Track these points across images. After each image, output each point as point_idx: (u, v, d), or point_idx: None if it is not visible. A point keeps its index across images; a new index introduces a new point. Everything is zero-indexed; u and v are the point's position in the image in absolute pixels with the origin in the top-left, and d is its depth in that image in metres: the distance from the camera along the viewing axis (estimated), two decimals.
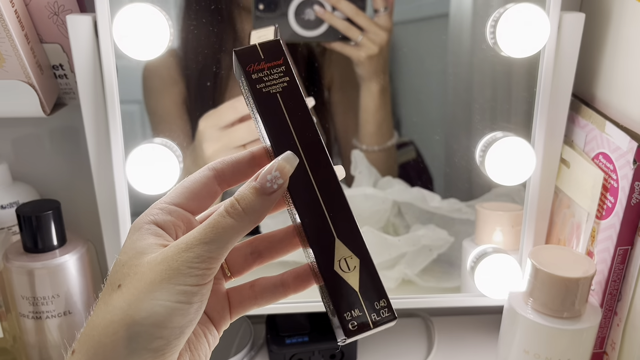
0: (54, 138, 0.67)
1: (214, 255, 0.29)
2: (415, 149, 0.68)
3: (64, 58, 0.60)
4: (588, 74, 0.61)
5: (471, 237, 0.68)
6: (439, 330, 0.71)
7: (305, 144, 0.30)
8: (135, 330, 0.28)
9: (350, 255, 0.29)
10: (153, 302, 0.28)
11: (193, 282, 0.28)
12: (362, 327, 0.29)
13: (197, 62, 0.60)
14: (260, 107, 0.30)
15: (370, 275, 0.29)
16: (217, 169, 0.32)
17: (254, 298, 0.35)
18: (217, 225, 0.29)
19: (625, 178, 0.51)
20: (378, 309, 0.29)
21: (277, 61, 0.31)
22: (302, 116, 0.31)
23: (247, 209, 0.29)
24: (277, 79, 0.31)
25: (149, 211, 0.32)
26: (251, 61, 0.31)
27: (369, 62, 0.61)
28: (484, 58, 0.62)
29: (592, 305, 0.54)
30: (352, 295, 0.29)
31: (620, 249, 0.53)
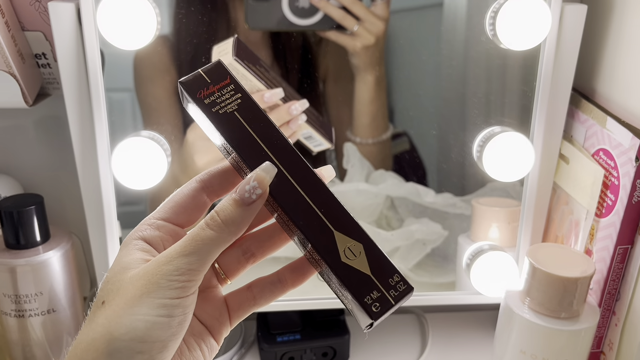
0: (37, 130, 0.65)
1: (194, 267, 0.29)
2: (408, 140, 0.66)
3: (47, 46, 0.57)
4: (589, 68, 0.59)
5: (467, 233, 0.66)
6: (433, 327, 0.70)
7: (276, 150, 0.31)
8: (115, 346, 0.27)
9: (352, 243, 0.30)
10: (132, 317, 0.28)
11: (173, 295, 0.28)
12: (384, 305, 0.29)
13: (187, 51, 0.58)
14: (222, 128, 0.31)
15: (376, 255, 0.30)
16: (205, 181, 0.33)
17: (252, 299, 0.34)
18: (197, 237, 0.29)
19: (627, 175, 0.50)
20: (394, 284, 0.29)
21: (224, 81, 0.31)
22: (264, 126, 0.31)
23: (226, 221, 0.29)
24: (229, 98, 0.31)
25: (137, 227, 0.32)
26: (199, 88, 0.31)
27: (365, 52, 0.59)
28: (483, 50, 0.60)
29: (591, 305, 0.53)
30: (366, 280, 0.29)
31: (620, 247, 0.52)
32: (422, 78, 0.65)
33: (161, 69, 0.59)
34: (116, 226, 0.58)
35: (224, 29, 0.58)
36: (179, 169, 0.60)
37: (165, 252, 0.29)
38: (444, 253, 0.69)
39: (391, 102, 0.65)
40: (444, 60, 0.64)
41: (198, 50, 0.58)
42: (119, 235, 0.59)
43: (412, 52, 0.63)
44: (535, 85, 0.56)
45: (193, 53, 0.58)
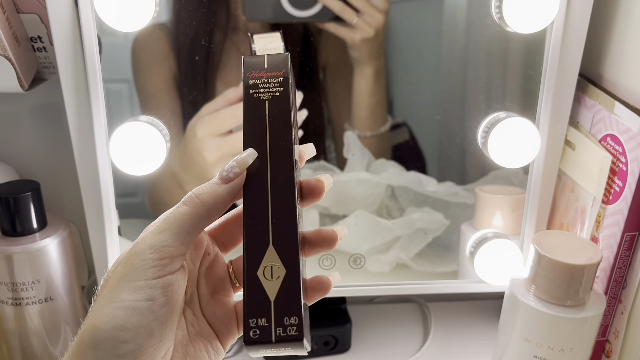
0: (32, 115, 0.64)
1: (167, 243, 0.28)
2: (408, 131, 0.65)
3: (43, 29, 0.56)
4: (596, 52, 0.58)
5: (470, 221, 0.65)
6: (435, 316, 0.69)
7: (275, 149, 0.31)
8: (98, 336, 0.27)
9: (278, 265, 0.28)
10: (112, 305, 0.27)
11: (149, 275, 0.27)
12: (263, 337, 0.27)
13: (186, 39, 0.57)
14: (246, 107, 0.31)
15: (291, 290, 0.28)
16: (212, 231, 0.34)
17: None
18: (169, 215, 0.29)
19: (636, 161, 0.49)
20: (286, 324, 0.27)
21: (278, 72, 0.32)
22: (282, 124, 0.31)
23: (199, 194, 0.29)
24: (271, 88, 0.32)
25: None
26: (254, 69, 0.32)
27: (364, 45, 0.58)
28: (488, 34, 0.59)
29: (597, 292, 0.52)
30: (264, 304, 0.28)
31: (627, 234, 0.51)
32: (425, 64, 0.64)
33: (159, 57, 0.58)
34: (114, 214, 0.57)
35: (223, 16, 0.57)
36: (180, 166, 0.59)
37: (140, 235, 0.29)
38: (445, 242, 0.68)
39: (392, 90, 0.63)
40: (448, 45, 0.62)
41: (197, 38, 0.57)
42: (117, 224, 0.58)
43: (415, 37, 0.62)
44: (541, 70, 0.55)
45: (192, 41, 0.57)
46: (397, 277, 0.66)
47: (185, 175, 0.59)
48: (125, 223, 0.60)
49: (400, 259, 0.67)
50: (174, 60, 0.58)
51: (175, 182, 0.60)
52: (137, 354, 0.27)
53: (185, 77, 0.58)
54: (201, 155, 0.57)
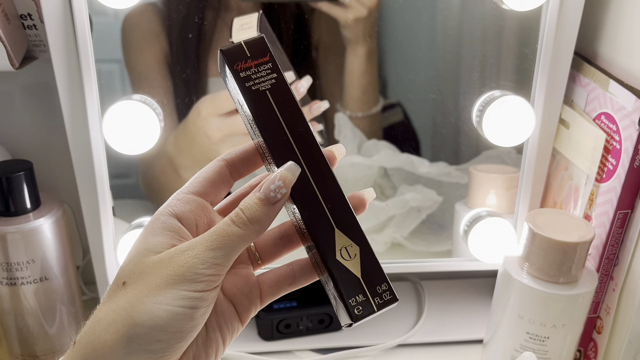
0: (24, 94, 0.63)
1: (219, 262, 0.29)
2: (402, 111, 0.65)
3: (32, 7, 0.55)
4: (591, 30, 0.58)
5: (464, 200, 0.66)
6: (429, 295, 0.70)
7: (298, 138, 0.31)
8: (136, 331, 0.28)
9: (350, 244, 0.31)
10: (155, 306, 0.28)
11: (198, 288, 0.29)
12: (367, 310, 0.30)
13: (177, 17, 0.56)
14: (252, 105, 0.31)
15: (370, 261, 0.31)
16: (228, 160, 0.33)
17: (292, 277, 0.34)
18: (223, 233, 0.29)
19: (629, 139, 0.49)
20: (380, 292, 0.30)
21: (264, 58, 0.32)
22: (292, 111, 0.31)
23: (252, 219, 0.30)
24: (265, 77, 0.32)
25: (168, 202, 0.32)
26: (238, 59, 0.32)
27: (357, 24, 0.57)
28: (483, 11, 0.58)
29: (589, 270, 0.53)
30: (355, 282, 0.30)
31: (620, 212, 0.51)
32: (420, 42, 0.63)
33: (150, 35, 0.57)
34: (108, 194, 0.57)
35: None
36: (177, 149, 0.58)
37: (190, 244, 0.29)
38: (439, 221, 0.68)
39: (386, 69, 0.63)
40: (443, 23, 0.62)
41: (189, 15, 0.56)
42: (111, 204, 0.58)
43: (410, 15, 0.62)
44: (536, 48, 0.55)
45: (184, 18, 0.56)
46: (392, 256, 0.66)
47: (183, 159, 0.59)
48: (119, 204, 0.60)
49: (395, 239, 0.67)
50: (165, 39, 0.57)
51: (170, 165, 0.59)
52: (167, 352, 0.29)
53: (178, 56, 0.58)
54: (206, 134, 0.56)
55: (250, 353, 0.61)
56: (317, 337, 0.64)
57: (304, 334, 0.64)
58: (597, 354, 0.56)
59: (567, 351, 0.54)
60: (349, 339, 0.64)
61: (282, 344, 0.63)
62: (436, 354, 0.63)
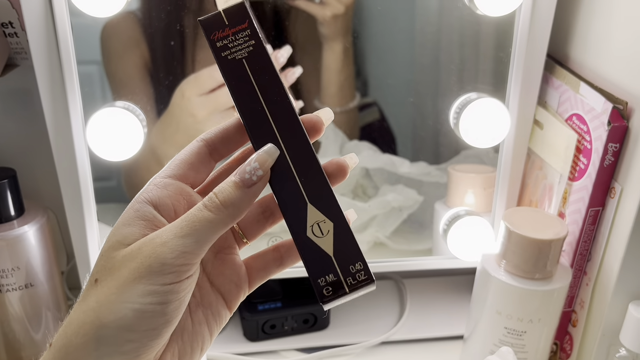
0: (6, 101, 0.63)
1: (189, 249, 0.27)
2: (378, 110, 0.66)
3: (14, 15, 0.55)
4: (562, 33, 0.60)
5: (443, 199, 0.67)
6: (411, 292, 0.72)
7: (274, 108, 0.29)
8: (104, 333, 0.26)
9: (323, 220, 0.28)
10: (122, 305, 0.26)
11: (166, 280, 0.26)
12: (337, 291, 0.28)
13: (160, 20, 0.57)
14: (226, 75, 0.29)
15: (345, 238, 0.28)
16: (207, 140, 0.31)
17: (279, 259, 0.33)
18: (193, 218, 0.27)
19: (599, 139, 0.51)
20: (354, 272, 0.28)
21: (242, 25, 0.30)
22: (270, 79, 0.29)
23: (225, 202, 0.28)
24: (242, 44, 0.30)
25: (143, 189, 0.30)
26: (215, 28, 0.30)
27: (334, 21, 0.58)
28: (459, 17, 0.60)
29: (563, 265, 0.55)
30: (326, 260, 0.28)
31: (591, 210, 0.53)
32: (397, 46, 0.65)
33: (130, 43, 0.57)
34: (93, 200, 0.57)
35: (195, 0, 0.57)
36: (162, 138, 0.58)
37: (159, 232, 0.27)
38: (420, 219, 0.69)
39: (366, 71, 0.64)
40: (420, 28, 0.63)
41: (171, 23, 0.57)
42: (95, 209, 0.58)
43: (387, 19, 0.63)
44: (510, 52, 0.57)
45: (166, 26, 0.57)
46: (375, 255, 0.68)
47: (167, 148, 0.58)
48: (101, 208, 0.60)
49: (377, 238, 0.68)
50: (146, 47, 0.58)
51: (155, 158, 0.60)
52: (141, 350, 0.27)
53: (160, 63, 0.58)
54: (190, 113, 0.56)
55: (235, 354, 0.62)
56: (302, 337, 0.65)
57: (289, 334, 0.65)
58: (572, 347, 0.58)
59: (544, 345, 0.55)
60: (333, 338, 0.65)
61: (268, 345, 0.64)
62: (419, 351, 0.65)
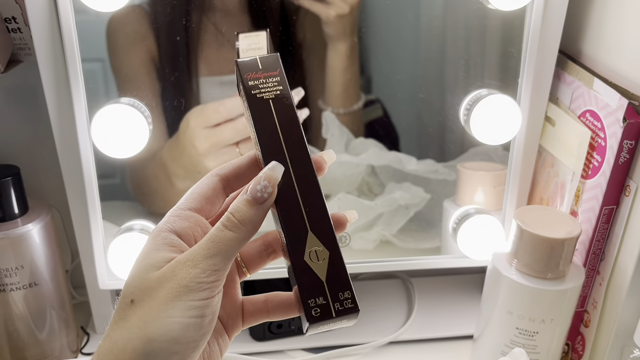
0: (9, 98, 0.63)
1: (219, 267, 0.30)
2: (381, 107, 0.65)
3: (17, 10, 0.54)
4: (575, 28, 0.59)
5: (452, 197, 0.66)
6: (419, 292, 0.71)
7: (290, 143, 0.33)
8: (152, 347, 0.29)
9: (321, 248, 0.31)
10: (167, 320, 0.29)
11: (203, 296, 0.30)
12: (324, 314, 0.30)
13: (166, 15, 0.56)
14: (252, 108, 0.33)
15: (337, 267, 0.31)
16: (222, 175, 0.34)
17: (266, 312, 0.36)
18: (217, 239, 0.30)
19: (614, 136, 0.50)
20: (342, 299, 0.30)
21: (274, 72, 0.34)
22: (290, 120, 0.33)
23: (242, 220, 0.30)
24: (271, 87, 0.34)
25: (166, 219, 0.33)
26: (250, 70, 0.34)
27: (338, 21, 0.58)
28: (470, 11, 0.59)
29: (576, 265, 0.54)
30: (318, 284, 0.31)
31: (605, 208, 0.52)
32: (404, 42, 0.64)
33: (136, 38, 0.57)
34: (97, 197, 0.56)
35: None
36: (171, 157, 0.59)
37: (189, 255, 0.30)
38: (427, 218, 0.69)
39: (372, 68, 0.63)
40: (428, 22, 0.62)
41: (177, 18, 0.56)
42: (100, 207, 0.57)
43: (395, 14, 0.62)
44: (522, 47, 0.56)
45: (172, 21, 0.56)
46: (381, 254, 0.67)
47: (176, 167, 0.59)
48: (104, 205, 0.59)
49: (384, 236, 0.67)
50: (152, 42, 0.57)
51: (164, 171, 0.60)
52: None
53: (166, 58, 0.57)
54: (193, 144, 0.57)
55: (242, 354, 0.61)
56: (308, 337, 0.64)
57: (296, 334, 0.64)
58: (584, 348, 0.57)
59: (556, 345, 0.54)
60: (340, 338, 0.64)
61: (274, 344, 0.63)
62: (427, 351, 0.64)
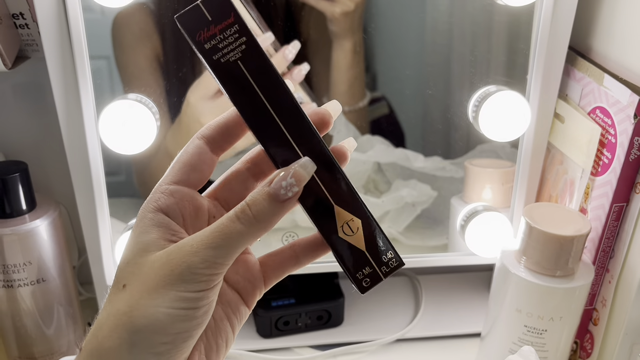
0: (17, 94, 0.63)
1: (221, 261, 0.28)
2: (387, 104, 0.65)
3: (24, 5, 0.54)
4: (585, 24, 0.58)
5: (459, 194, 0.66)
6: (426, 289, 0.70)
7: (281, 111, 0.28)
8: (138, 336, 0.27)
9: (351, 219, 0.30)
10: (155, 309, 0.27)
11: (197, 288, 0.27)
12: (374, 280, 0.30)
13: (173, 10, 0.56)
14: (223, 80, 0.28)
15: (373, 232, 0.30)
16: (207, 136, 0.31)
17: (295, 258, 0.33)
18: (226, 229, 0.28)
19: (625, 133, 0.50)
20: (386, 261, 0.30)
21: (228, 19, 0.27)
22: (270, 78, 0.28)
23: (258, 216, 0.28)
24: (233, 43, 0.28)
25: (150, 197, 0.30)
26: (199, 27, 0.27)
27: (344, 19, 0.57)
28: (478, 7, 0.59)
29: (585, 262, 0.54)
30: (360, 256, 0.30)
31: (615, 205, 0.52)
32: (411, 38, 0.63)
33: (142, 35, 0.56)
34: (105, 194, 0.56)
35: None
36: (175, 142, 0.58)
37: (190, 241, 0.28)
38: (434, 215, 0.68)
39: (380, 64, 0.63)
40: (438, 18, 0.62)
41: (182, 9, 0.56)
42: (107, 204, 0.57)
43: (403, 10, 0.62)
44: (531, 43, 0.55)
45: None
46: None
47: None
48: (110, 202, 0.59)
49: (391, 234, 0.67)
50: (158, 39, 0.57)
51: (170, 160, 0.59)
52: (173, 352, 0.28)
53: (172, 55, 0.57)
54: (198, 120, 0.55)
55: (249, 351, 0.61)
56: (315, 334, 0.64)
57: (303, 331, 0.64)
58: (593, 346, 0.57)
59: (565, 343, 0.54)
60: (347, 335, 0.64)
61: (281, 341, 0.63)
62: (434, 348, 0.64)
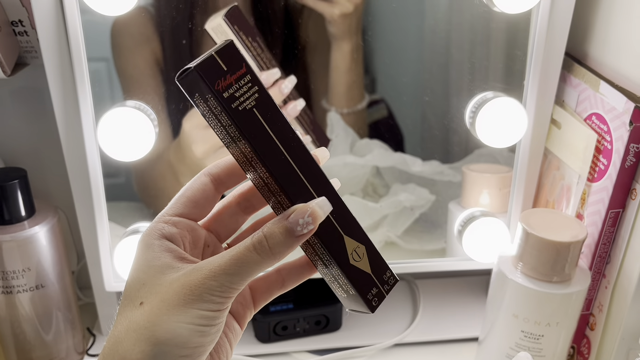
0: (16, 101, 0.63)
1: (236, 286, 0.30)
2: (386, 107, 0.65)
3: (24, 13, 0.55)
4: (581, 31, 0.59)
5: (457, 199, 0.66)
6: (424, 294, 0.71)
7: (293, 153, 0.31)
8: (161, 349, 0.29)
9: (357, 246, 0.32)
10: (177, 324, 0.29)
11: (214, 307, 0.30)
12: (380, 299, 0.33)
13: (172, 18, 0.56)
14: (242, 128, 0.29)
15: (374, 255, 0.33)
16: (213, 174, 0.34)
17: (281, 282, 0.36)
18: (243, 258, 0.30)
19: (620, 140, 0.50)
20: (386, 279, 0.33)
21: (241, 70, 0.29)
22: (281, 124, 0.30)
23: (274, 248, 0.30)
24: (247, 92, 0.29)
25: (155, 226, 0.33)
26: (217, 77, 0.28)
27: (343, 20, 0.58)
28: (475, 14, 0.59)
29: (582, 268, 0.54)
30: (368, 278, 0.33)
31: (611, 211, 0.52)
32: (409, 44, 0.64)
33: (142, 40, 0.57)
34: (103, 199, 0.57)
35: None
36: (176, 158, 0.59)
37: (207, 265, 0.30)
38: (432, 219, 0.69)
39: (378, 70, 0.63)
40: (434, 25, 0.62)
41: (183, 21, 0.56)
42: (106, 209, 0.57)
43: (401, 16, 0.62)
44: (527, 50, 0.56)
45: (176, 26, 0.56)
46: (386, 256, 0.65)
47: (181, 167, 0.59)
48: (109, 206, 0.59)
49: (389, 238, 0.67)
50: (158, 45, 0.57)
51: (171, 171, 0.60)
52: None
53: (171, 62, 0.57)
54: (189, 148, 0.57)
55: (247, 356, 0.62)
56: (313, 339, 0.64)
57: (301, 336, 0.64)
58: (590, 351, 0.57)
59: (561, 348, 0.54)
60: (345, 340, 0.64)
61: (279, 346, 0.63)
62: (432, 353, 0.64)
